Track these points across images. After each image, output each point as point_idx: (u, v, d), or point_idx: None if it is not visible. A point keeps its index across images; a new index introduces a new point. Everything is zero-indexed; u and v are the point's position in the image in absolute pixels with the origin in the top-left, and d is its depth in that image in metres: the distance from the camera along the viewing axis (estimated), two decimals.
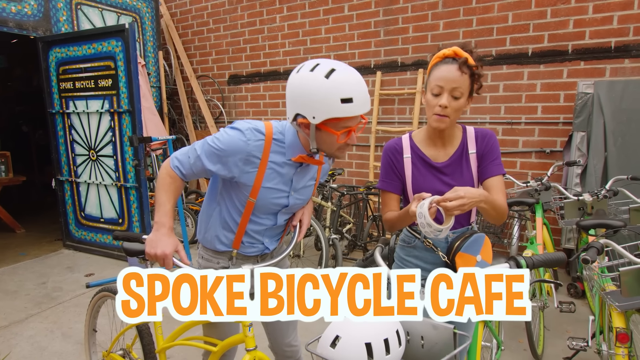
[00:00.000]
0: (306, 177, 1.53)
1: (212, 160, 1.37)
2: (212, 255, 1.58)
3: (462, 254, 1.47)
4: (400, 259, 1.69)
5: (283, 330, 1.74)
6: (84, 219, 4.65)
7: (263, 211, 1.49)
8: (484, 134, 1.52)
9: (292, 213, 1.60)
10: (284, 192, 1.47)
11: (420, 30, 4.32)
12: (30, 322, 3.17)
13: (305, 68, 1.26)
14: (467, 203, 1.25)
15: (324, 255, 3.38)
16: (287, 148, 1.40)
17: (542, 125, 3.88)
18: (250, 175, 1.39)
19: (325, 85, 1.21)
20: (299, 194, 1.52)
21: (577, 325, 3.00)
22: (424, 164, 1.54)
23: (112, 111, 4.13)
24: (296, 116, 1.30)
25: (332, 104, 1.21)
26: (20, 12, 4.14)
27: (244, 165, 1.37)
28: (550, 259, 1.17)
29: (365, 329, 1.05)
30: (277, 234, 1.63)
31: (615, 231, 2.06)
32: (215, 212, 1.54)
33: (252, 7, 5.32)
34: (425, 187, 1.51)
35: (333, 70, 1.23)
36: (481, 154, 1.51)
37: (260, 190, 1.41)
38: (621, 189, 2.88)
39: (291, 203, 1.51)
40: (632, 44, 3.47)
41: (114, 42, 3.98)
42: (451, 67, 1.37)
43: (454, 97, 1.39)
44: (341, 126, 1.27)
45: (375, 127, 4.61)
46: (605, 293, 1.98)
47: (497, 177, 1.50)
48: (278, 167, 1.42)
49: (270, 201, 1.46)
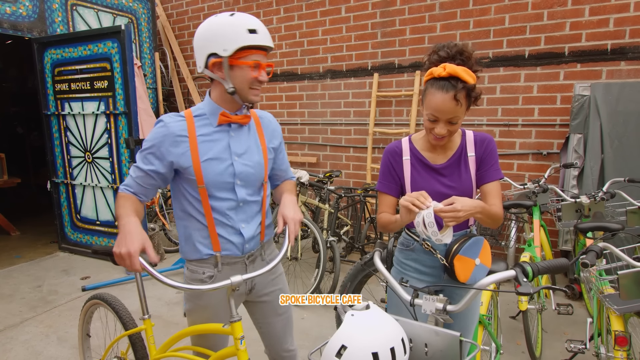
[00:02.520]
0: (247, 141, 1.51)
1: (149, 160, 1.41)
2: (196, 265, 1.51)
3: (461, 256, 1.47)
4: (399, 262, 1.68)
5: (279, 335, 1.72)
6: (80, 221, 4.62)
7: (217, 188, 1.44)
8: (483, 138, 1.53)
9: (254, 186, 1.52)
10: (226, 160, 1.45)
11: (417, 32, 4.32)
12: (26, 326, 3.14)
13: (210, 18, 1.40)
14: (461, 216, 1.26)
15: (321, 258, 3.37)
16: (210, 116, 1.46)
17: (539, 127, 3.89)
18: (186, 154, 1.41)
19: (231, 20, 1.35)
20: (244, 159, 1.48)
21: (575, 328, 3.01)
22: (423, 165, 1.55)
23: (108, 113, 4.10)
24: (209, 56, 1.37)
25: (240, 34, 1.33)
26: (15, 13, 4.11)
27: (175, 147, 1.40)
28: (554, 266, 1.17)
29: (372, 337, 1.03)
30: (250, 218, 1.53)
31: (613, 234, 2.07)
32: (183, 220, 1.51)
33: (249, 9, 5.30)
34: (425, 188, 1.51)
35: (233, 13, 1.38)
36: (480, 158, 1.52)
37: (201, 165, 1.41)
38: (618, 191, 2.89)
39: (239, 170, 1.46)
40: (628, 46, 3.48)
41: (109, 43, 3.95)
42: (446, 97, 1.33)
43: (451, 122, 1.40)
44: (251, 59, 1.37)
45: (372, 129, 4.61)
46: (604, 296, 1.98)
47: (495, 182, 1.51)
48: (209, 138, 1.45)
49: (218, 173, 1.43)
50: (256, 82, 1.41)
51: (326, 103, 4.95)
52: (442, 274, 1.59)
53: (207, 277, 1.51)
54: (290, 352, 1.77)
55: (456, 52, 1.39)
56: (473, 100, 1.43)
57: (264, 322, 1.69)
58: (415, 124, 4.38)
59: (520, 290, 1.08)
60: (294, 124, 5.20)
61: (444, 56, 1.40)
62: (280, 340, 1.72)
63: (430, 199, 1.30)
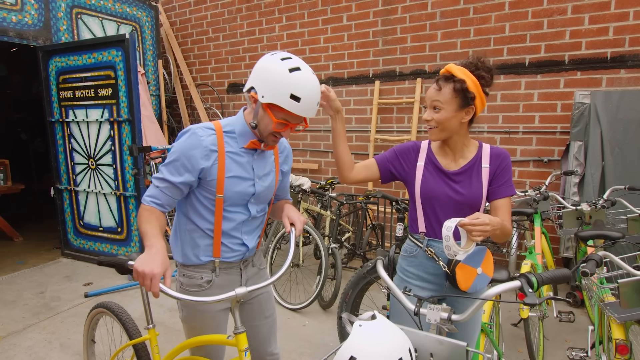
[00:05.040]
0: (267, 165, 1.58)
1: (179, 172, 1.42)
2: (194, 270, 1.54)
3: (463, 265, 1.49)
4: (402, 269, 1.70)
5: (265, 338, 1.74)
6: (83, 227, 4.64)
7: (233, 203, 1.50)
8: (499, 153, 1.56)
9: (264, 203, 1.61)
10: (249, 180, 1.51)
11: (418, 40, 4.36)
12: (29, 332, 3.15)
13: (279, 55, 1.38)
14: (489, 230, 1.28)
15: (323, 265, 3.38)
16: (239, 137, 1.49)
17: (539, 134, 3.91)
18: (213, 167, 1.44)
19: (285, 76, 1.33)
20: (264, 180, 1.56)
21: (576, 335, 3.01)
22: (435, 168, 1.59)
23: (112, 120, 4.14)
24: (251, 89, 1.41)
25: (282, 94, 1.33)
26: (21, 21, 4.16)
27: (206, 160, 1.42)
28: (557, 276, 1.19)
29: (381, 348, 1.03)
30: (254, 229, 1.61)
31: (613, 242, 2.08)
32: (188, 226, 1.53)
33: (251, 17, 5.36)
34: (434, 191, 1.56)
35: (298, 69, 1.35)
36: (494, 172, 1.55)
37: (225, 181, 1.45)
38: (619, 199, 2.90)
39: (258, 190, 1.54)
40: (627, 54, 3.51)
41: (114, 51, 4.00)
42: (433, 85, 1.51)
43: (435, 109, 1.49)
44: (281, 116, 1.39)
45: (374, 136, 4.63)
46: (604, 304, 1.99)
47: (506, 198, 1.54)
48: (236, 156, 1.48)
49: (238, 191, 1.48)
50: (276, 135, 1.45)
51: None
52: (445, 282, 1.61)
53: (205, 281, 1.54)
54: (274, 355, 1.79)
55: (470, 63, 1.51)
56: (471, 99, 1.47)
57: (250, 325, 1.70)
58: (416, 131, 4.41)
59: (527, 301, 1.10)
60: (296, 130, 5.21)
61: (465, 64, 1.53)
62: (265, 343, 1.74)
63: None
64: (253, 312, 1.69)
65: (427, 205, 1.58)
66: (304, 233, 3.65)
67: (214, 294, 1.53)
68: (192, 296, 1.43)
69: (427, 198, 1.57)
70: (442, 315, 1.25)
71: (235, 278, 1.60)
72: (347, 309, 2.62)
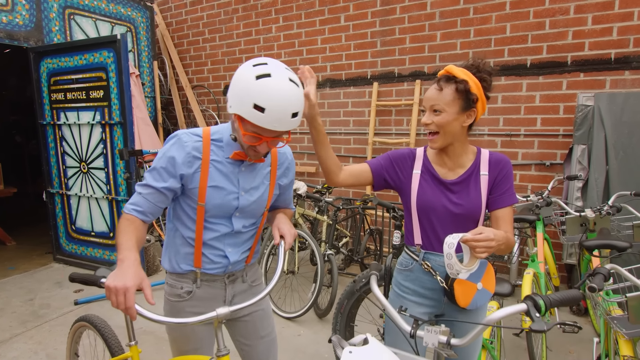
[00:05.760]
0: (256, 178, 1.46)
1: (163, 177, 1.36)
2: (175, 279, 1.49)
3: (462, 280, 1.40)
4: (398, 284, 1.61)
5: (261, 359, 1.63)
6: (75, 232, 4.55)
7: (215, 214, 1.41)
8: (499, 159, 1.46)
9: (253, 218, 1.49)
10: (233, 193, 1.41)
11: (417, 41, 4.27)
12: (15, 342, 3.06)
13: (253, 61, 1.26)
14: (494, 246, 1.18)
15: (319, 272, 3.28)
16: (225, 146, 1.40)
17: (541, 137, 3.82)
18: (195, 175, 1.37)
19: (250, 84, 1.20)
20: (251, 194, 1.44)
21: (580, 345, 2.91)
22: (432, 178, 1.49)
23: (104, 123, 4.05)
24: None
25: (245, 104, 1.21)
26: (12, 22, 4.07)
27: (188, 167, 1.35)
28: (566, 298, 1.09)
29: None
30: (240, 244, 1.49)
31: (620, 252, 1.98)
32: (173, 233, 1.48)
33: (247, 17, 5.27)
34: (431, 201, 1.46)
35: (268, 75, 1.20)
36: (494, 180, 1.45)
37: (207, 190, 1.37)
38: (624, 205, 2.80)
39: (242, 204, 1.43)
40: (632, 55, 3.41)
41: (105, 53, 3.91)
42: (432, 86, 1.41)
43: (435, 112, 1.39)
44: (250, 129, 1.26)
45: (372, 139, 4.54)
46: (611, 318, 1.89)
47: (508, 207, 1.45)
48: (220, 166, 1.39)
49: (220, 203, 1.39)
50: (252, 149, 1.33)
51: (325, 112, 4.89)
52: (443, 297, 1.51)
53: (185, 292, 1.48)
54: None
55: (471, 65, 1.43)
56: (473, 101, 1.38)
57: (245, 344, 1.61)
58: (415, 134, 4.31)
59: (534, 328, 1.00)
60: (293, 132, 5.13)
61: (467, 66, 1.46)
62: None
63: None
64: (247, 330, 1.59)
65: (424, 217, 1.48)
66: (300, 238, 3.55)
67: (194, 305, 1.47)
68: (169, 317, 1.35)
69: (424, 209, 1.48)
70: (441, 338, 1.15)
71: (219, 292, 1.51)
72: (342, 319, 2.53)
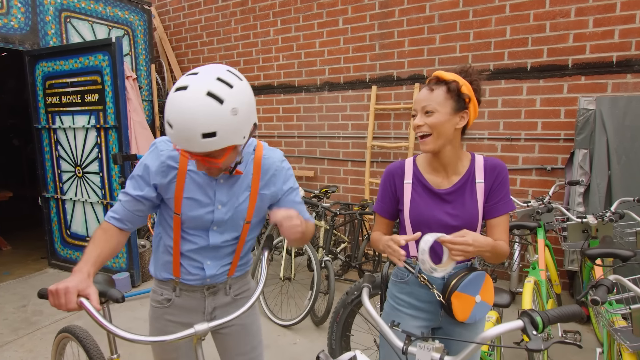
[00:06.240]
0: (237, 190, 1.36)
1: (140, 186, 1.34)
2: (158, 285, 1.47)
3: (459, 293, 1.34)
4: (393, 296, 1.55)
5: None
6: (70, 237, 4.50)
7: (192, 226, 1.36)
8: (494, 165, 1.40)
9: (234, 232, 1.40)
10: (208, 206, 1.34)
11: (416, 44, 4.22)
12: (5, 350, 3.00)
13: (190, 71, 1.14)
14: (470, 251, 1.17)
15: (315, 278, 3.22)
16: None
17: (542, 141, 3.76)
18: (171, 185, 1.33)
19: (169, 96, 1.11)
20: (228, 207, 1.35)
21: (582, 355, 2.83)
22: (425, 189, 1.44)
23: (99, 127, 4.00)
24: None
25: (165, 116, 1.11)
26: (7, 25, 4.04)
27: (162, 177, 1.32)
28: (565, 314, 1.04)
29: None
30: (220, 257, 1.41)
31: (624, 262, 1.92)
32: (158, 239, 1.46)
33: (245, 20, 5.23)
34: (425, 214, 1.41)
35: (184, 88, 1.07)
36: (490, 187, 1.40)
37: (182, 201, 1.33)
38: (627, 211, 2.73)
39: (218, 217, 1.35)
40: (634, 58, 3.36)
41: (100, 56, 3.87)
42: (423, 89, 1.39)
43: (427, 113, 1.35)
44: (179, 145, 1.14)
45: (370, 143, 4.49)
46: (615, 329, 1.82)
47: (504, 215, 1.40)
48: (197, 177, 1.33)
49: (195, 215, 1.34)
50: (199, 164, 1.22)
51: (323, 116, 4.84)
52: (439, 310, 1.45)
53: (164, 299, 1.45)
54: None
55: (460, 70, 1.40)
56: (465, 101, 1.35)
57: (228, 358, 1.55)
58: (414, 138, 4.26)
59: (530, 347, 0.94)
60: (291, 136, 5.08)
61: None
62: None
63: (403, 241, 1.24)
64: (228, 344, 1.54)
65: (418, 230, 1.42)
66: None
67: (173, 314, 1.45)
68: (152, 322, 1.44)
69: (417, 223, 1.42)
70: (434, 356, 1.09)
71: (199, 304, 1.46)
72: (338, 329, 2.46)
